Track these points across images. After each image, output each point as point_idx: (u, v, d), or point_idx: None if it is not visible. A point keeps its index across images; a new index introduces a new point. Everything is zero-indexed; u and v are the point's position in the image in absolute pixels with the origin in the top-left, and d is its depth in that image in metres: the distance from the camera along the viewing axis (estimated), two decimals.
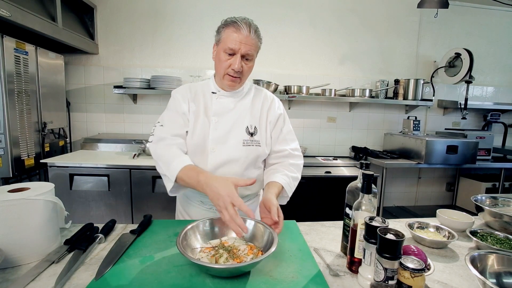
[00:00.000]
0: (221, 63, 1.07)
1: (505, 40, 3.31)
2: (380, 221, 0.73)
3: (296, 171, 1.19)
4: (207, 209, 1.18)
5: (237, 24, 1.03)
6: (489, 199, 1.32)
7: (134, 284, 0.71)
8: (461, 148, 2.63)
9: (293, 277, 0.76)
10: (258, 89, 1.25)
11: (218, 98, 1.15)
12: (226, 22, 1.06)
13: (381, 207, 2.74)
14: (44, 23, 2.00)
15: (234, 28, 1.03)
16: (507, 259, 0.78)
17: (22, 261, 0.78)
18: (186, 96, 1.15)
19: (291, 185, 1.15)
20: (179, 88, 1.19)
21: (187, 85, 1.20)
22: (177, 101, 1.14)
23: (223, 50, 1.05)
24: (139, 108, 2.85)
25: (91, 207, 2.13)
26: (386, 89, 2.98)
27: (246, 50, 1.04)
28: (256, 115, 1.17)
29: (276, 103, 1.23)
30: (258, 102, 1.20)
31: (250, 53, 1.05)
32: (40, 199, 0.81)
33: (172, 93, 1.18)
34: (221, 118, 1.13)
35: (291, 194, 1.16)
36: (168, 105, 1.17)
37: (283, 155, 1.20)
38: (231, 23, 1.04)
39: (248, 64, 1.09)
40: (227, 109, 1.15)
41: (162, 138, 1.08)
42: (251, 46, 1.04)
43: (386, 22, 3.07)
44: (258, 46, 1.10)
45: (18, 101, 1.95)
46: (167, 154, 1.05)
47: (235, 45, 1.02)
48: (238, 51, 1.03)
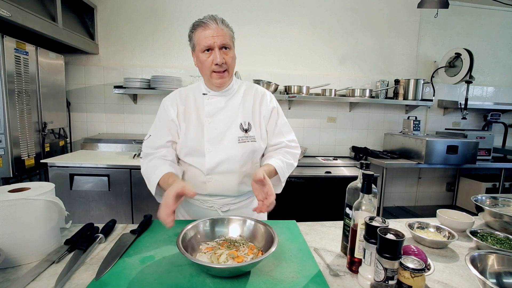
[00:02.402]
0: (203, 64, 1.08)
1: (505, 40, 3.31)
2: (380, 221, 0.73)
3: (291, 158, 1.20)
4: (207, 208, 1.19)
5: (203, 22, 1.05)
6: (489, 199, 1.32)
7: (134, 284, 0.71)
8: (461, 148, 2.63)
9: (293, 277, 0.76)
10: (249, 85, 1.25)
11: (210, 99, 1.16)
12: (193, 26, 1.08)
13: (381, 207, 2.74)
14: (44, 23, 2.00)
15: (202, 27, 1.05)
16: (507, 259, 0.78)
17: (22, 261, 0.78)
18: (174, 101, 1.17)
19: (285, 170, 1.15)
20: (168, 95, 1.21)
21: (177, 91, 1.22)
22: (165, 108, 1.17)
23: (201, 51, 1.07)
24: (139, 108, 2.86)
25: (91, 207, 2.13)
26: (386, 89, 2.98)
27: (221, 41, 1.05)
28: (248, 111, 1.18)
29: (268, 97, 1.23)
30: (250, 98, 1.20)
31: (225, 42, 1.06)
32: (40, 199, 0.81)
33: (162, 101, 1.20)
34: (214, 118, 1.14)
35: (284, 180, 1.16)
36: (157, 114, 1.20)
37: (280, 147, 1.22)
38: (198, 25, 1.07)
39: (229, 54, 1.09)
40: (218, 108, 1.15)
41: (146, 155, 1.17)
42: (223, 36, 1.06)
43: (386, 22, 3.06)
44: (231, 35, 1.11)
45: (18, 101, 1.95)
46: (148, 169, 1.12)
47: (209, 41, 1.04)
48: (214, 44, 1.04)
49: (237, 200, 1.20)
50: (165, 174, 1.05)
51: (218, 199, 1.18)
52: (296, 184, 2.44)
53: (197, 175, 1.15)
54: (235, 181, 1.14)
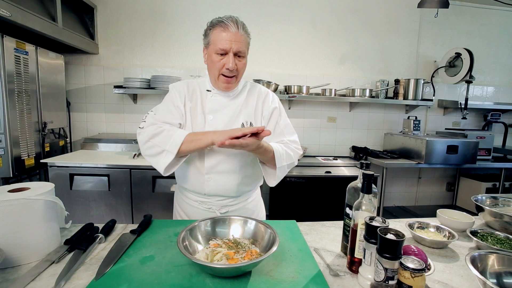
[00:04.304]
0: (214, 64, 1.06)
1: (505, 40, 3.30)
2: (380, 221, 0.73)
3: (291, 152, 1.15)
4: (206, 209, 1.18)
5: (224, 23, 1.02)
6: (489, 199, 1.32)
7: (134, 284, 0.71)
8: (461, 148, 2.63)
9: (293, 277, 0.76)
10: (253, 85, 1.24)
11: (213, 96, 1.15)
12: (212, 23, 1.06)
13: (381, 207, 2.74)
14: (44, 23, 2.00)
15: (222, 27, 1.03)
16: (507, 259, 0.77)
17: (22, 261, 0.78)
18: (183, 93, 1.15)
19: (283, 156, 1.10)
20: (177, 83, 1.18)
21: (185, 82, 1.19)
22: (173, 94, 1.14)
23: (215, 51, 1.05)
24: (139, 108, 2.86)
25: (91, 207, 2.13)
26: (386, 89, 2.97)
27: (237, 48, 1.03)
28: (251, 111, 1.17)
29: (270, 97, 1.21)
30: (253, 98, 1.19)
31: (241, 50, 1.05)
32: (40, 199, 0.81)
33: (170, 86, 1.17)
34: (216, 116, 1.13)
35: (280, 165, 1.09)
36: (165, 97, 1.17)
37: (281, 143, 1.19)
38: (217, 23, 1.04)
39: (242, 61, 1.08)
40: (221, 106, 1.14)
41: (154, 123, 1.08)
42: (241, 43, 1.04)
43: (386, 22, 3.06)
44: (248, 42, 1.10)
45: (18, 101, 1.95)
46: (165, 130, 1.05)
47: (226, 44, 1.02)
48: (230, 50, 1.03)
49: (235, 201, 1.20)
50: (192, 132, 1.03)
51: (216, 200, 1.17)
52: (296, 184, 2.44)
53: (196, 174, 1.14)
54: (235, 181, 1.14)
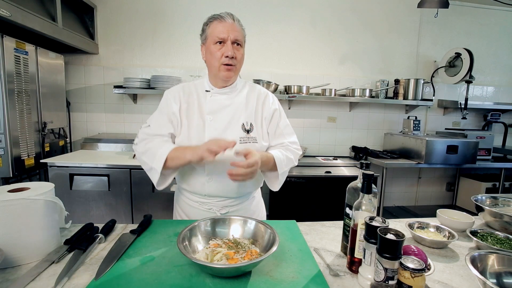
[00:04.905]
0: (213, 55, 1.09)
1: (505, 40, 3.31)
2: (380, 221, 0.73)
3: (291, 154, 1.19)
4: (206, 210, 1.18)
5: (220, 16, 1.08)
6: (489, 199, 1.32)
7: (134, 284, 0.71)
8: (461, 148, 2.63)
9: (293, 277, 0.76)
10: (252, 86, 1.25)
11: (212, 96, 1.16)
12: (208, 20, 1.11)
13: (381, 207, 2.74)
14: (44, 23, 1.99)
15: (218, 20, 1.08)
16: (507, 259, 0.77)
17: (22, 261, 0.78)
18: (177, 96, 1.16)
19: (283, 162, 1.13)
20: (172, 88, 1.20)
21: (181, 85, 1.21)
22: (167, 101, 1.16)
23: (213, 42, 1.08)
24: (139, 108, 2.86)
25: (91, 207, 2.13)
26: (386, 89, 2.97)
27: (235, 36, 1.07)
28: (251, 111, 1.17)
29: (270, 99, 1.23)
30: (253, 98, 1.20)
31: (239, 38, 1.09)
32: (40, 199, 0.81)
33: (165, 92, 1.19)
34: (216, 116, 1.13)
35: (282, 173, 1.14)
36: (159, 105, 1.19)
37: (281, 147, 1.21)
38: (213, 18, 1.09)
39: (240, 51, 1.11)
40: (222, 106, 1.15)
41: (144, 139, 1.14)
42: (238, 32, 1.09)
43: (386, 22, 3.06)
44: (244, 35, 1.14)
45: (18, 101, 1.95)
46: (151, 147, 1.09)
47: (223, 34, 1.06)
48: (228, 38, 1.07)
49: (236, 202, 1.19)
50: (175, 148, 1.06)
51: (217, 201, 1.17)
52: (296, 184, 2.44)
53: (197, 175, 1.14)
54: (235, 183, 1.14)
